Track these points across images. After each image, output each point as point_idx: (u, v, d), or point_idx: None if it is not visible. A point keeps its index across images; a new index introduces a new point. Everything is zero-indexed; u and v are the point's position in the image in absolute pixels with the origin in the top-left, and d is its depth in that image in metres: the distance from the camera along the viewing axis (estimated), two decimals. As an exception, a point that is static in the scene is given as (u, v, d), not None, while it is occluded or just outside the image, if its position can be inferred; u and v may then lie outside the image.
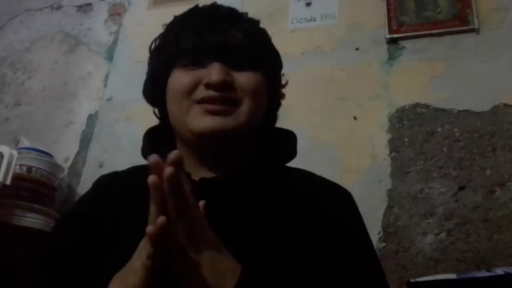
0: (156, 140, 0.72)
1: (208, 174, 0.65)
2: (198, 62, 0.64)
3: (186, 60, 0.65)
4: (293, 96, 0.86)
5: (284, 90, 0.78)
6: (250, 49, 0.65)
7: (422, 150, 1.42)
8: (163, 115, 0.72)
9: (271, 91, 0.70)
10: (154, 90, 0.71)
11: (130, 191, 0.68)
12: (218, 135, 0.62)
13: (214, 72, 0.62)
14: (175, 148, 0.68)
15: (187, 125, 0.63)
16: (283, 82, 0.77)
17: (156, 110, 0.75)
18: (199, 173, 0.66)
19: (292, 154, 0.72)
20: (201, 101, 0.62)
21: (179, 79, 0.65)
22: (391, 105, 1.51)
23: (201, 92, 0.63)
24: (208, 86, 0.62)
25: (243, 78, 0.64)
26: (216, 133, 0.61)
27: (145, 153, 0.71)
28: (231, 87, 0.63)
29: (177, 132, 0.68)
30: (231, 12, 0.69)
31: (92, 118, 1.88)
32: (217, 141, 0.63)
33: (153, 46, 0.73)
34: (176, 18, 0.72)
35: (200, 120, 0.62)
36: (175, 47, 0.66)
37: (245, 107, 0.63)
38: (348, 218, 0.66)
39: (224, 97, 0.62)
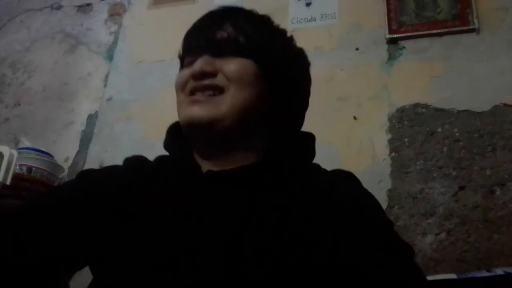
0: (178, 134, 0.72)
1: (216, 168, 0.65)
2: (194, 59, 0.67)
3: (188, 59, 0.69)
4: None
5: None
6: (238, 38, 0.67)
7: (422, 150, 1.42)
8: None
9: (270, 79, 0.68)
10: None
11: (154, 181, 0.67)
12: (199, 124, 0.63)
13: (196, 63, 0.65)
14: (192, 144, 0.70)
15: (180, 120, 0.66)
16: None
17: None
18: (207, 166, 0.66)
19: (311, 154, 0.73)
20: (190, 93, 0.65)
21: (178, 75, 0.69)
22: (391, 105, 1.51)
23: (190, 85, 0.65)
24: (192, 77, 0.65)
25: (228, 65, 0.65)
26: (195, 123, 0.63)
27: (167, 146, 0.73)
28: (215, 76, 0.65)
29: None
30: (231, 10, 0.72)
31: (92, 118, 1.88)
32: (201, 131, 0.64)
33: None
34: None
35: (184, 111, 0.64)
36: (182, 48, 0.72)
37: (228, 94, 0.64)
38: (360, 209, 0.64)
39: (206, 85, 0.64)
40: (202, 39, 0.68)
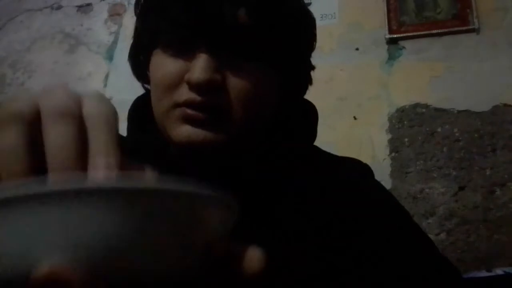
0: (146, 116, 0.56)
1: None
2: (184, 45, 0.48)
3: (170, 39, 0.49)
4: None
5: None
6: (256, 32, 0.47)
7: (422, 150, 1.42)
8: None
9: (287, 83, 0.53)
10: (137, 61, 0.57)
11: None
12: (199, 149, 0.47)
13: (197, 67, 0.45)
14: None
15: (167, 131, 0.49)
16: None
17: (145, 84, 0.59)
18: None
19: (311, 139, 0.57)
20: (183, 104, 0.47)
21: (161, 69, 0.49)
22: (391, 105, 1.51)
23: (184, 94, 0.47)
24: (190, 85, 0.46)
25: (237, 79, 0.47)
26: (196, 147, 0.47)
27: (131, 136, 0.57)
28: (221, 88, 0.47)
29: None
30: None
31: (92, 118, 1.88)
32: (201, 155, 0.49)
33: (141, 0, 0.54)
34: None
35: (179, 128, 0.47)
36: (159, 18, 0.49)
37: (236, 117, 0.47)
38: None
39: (208, 103, 0.46)
40: (201, 19, 0.46)
